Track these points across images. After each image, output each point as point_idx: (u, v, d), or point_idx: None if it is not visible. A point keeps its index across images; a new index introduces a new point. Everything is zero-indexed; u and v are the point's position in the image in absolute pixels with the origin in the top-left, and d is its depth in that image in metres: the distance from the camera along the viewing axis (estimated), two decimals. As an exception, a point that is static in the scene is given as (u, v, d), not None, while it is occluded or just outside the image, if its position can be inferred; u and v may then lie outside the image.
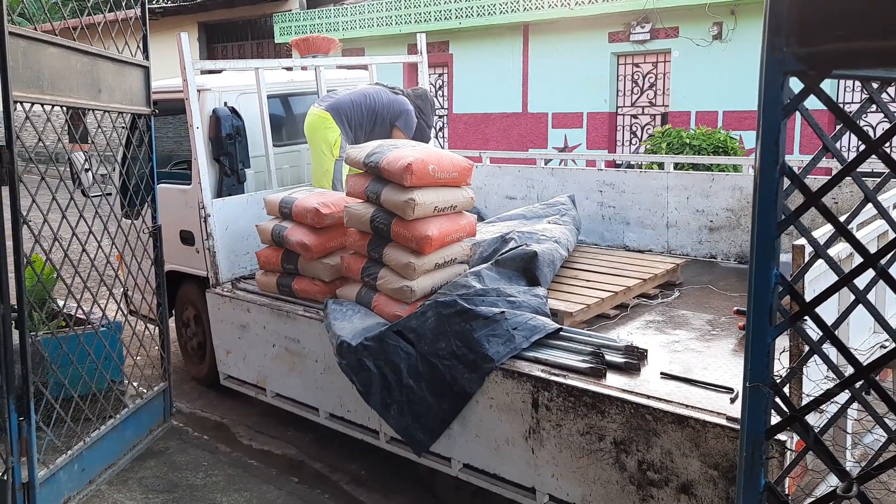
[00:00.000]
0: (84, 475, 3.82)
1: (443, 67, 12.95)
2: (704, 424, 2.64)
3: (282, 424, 4.81)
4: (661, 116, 10.81)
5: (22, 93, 3.19)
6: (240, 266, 4.85)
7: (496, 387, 3.24)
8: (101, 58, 3.87)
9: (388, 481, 4.13)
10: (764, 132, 1.60)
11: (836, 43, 1.46)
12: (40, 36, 3.36)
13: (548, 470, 3.12)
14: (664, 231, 5.18)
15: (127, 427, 4.23)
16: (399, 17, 12.81)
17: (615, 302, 4.03)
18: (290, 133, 5.61)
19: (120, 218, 4.48)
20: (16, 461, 3.26)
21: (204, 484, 3.97)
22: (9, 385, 3.21)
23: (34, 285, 4.11)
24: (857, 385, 1.66)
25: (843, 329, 2.84)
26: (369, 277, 3.94)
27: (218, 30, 17.45)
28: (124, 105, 4.17)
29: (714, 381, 2.96)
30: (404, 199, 3.65)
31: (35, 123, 3.38)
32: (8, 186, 3.14)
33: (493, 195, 5.97)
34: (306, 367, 4.16)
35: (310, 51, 5.65)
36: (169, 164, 5.52)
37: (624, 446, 2.86)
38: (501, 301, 3.61)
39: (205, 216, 4.61)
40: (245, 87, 5.16)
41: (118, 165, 5.11)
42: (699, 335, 3.59)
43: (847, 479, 1.62)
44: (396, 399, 3.54)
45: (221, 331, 4.72)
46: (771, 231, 1.63)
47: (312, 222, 4.18)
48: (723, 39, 9.99)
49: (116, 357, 4.49)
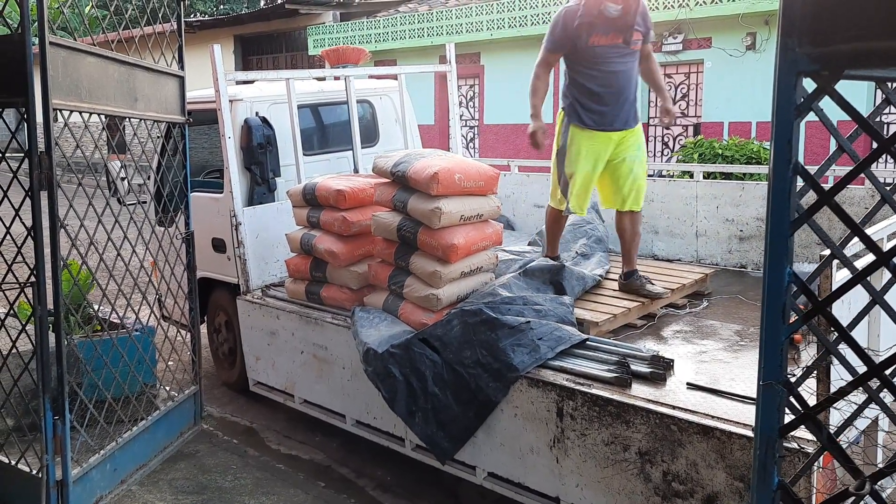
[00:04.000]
0: (116, 475, 3.90)
1: (474, 79, 13.00)
2: (730, 436, 2.61)
3: (309, 430, 4.86)
4: (693, 127, 10.72)
5: (61, 101, 3.28)
6: (269, 273, 4.92)
7: (521, 395, 3.24)
8: (138, 67, 3.97)
9: (414, 487, 4.14)
10: (777, 132, 1.60)
11: (850, 43, 1.46)
12: (79, 46, 3.46)
13: (572, 480, 3.10)
14: (693, 240, 5.14)
15: (158, 429, 4.31)
16: (431, 28, 12.91)
17: (642, 312, 4.01)
18: (320, 142, 5.69)
19: (154, 225, 4.58)
20: (50, 459, 3.34)
21: (232, 487, 4.02)
22: (45, 385, 3.30)
23: (71, 289, 4.21)
24: (874, 386, 1.65)
25: (872, 331, 2.80)
26: (396, 285, 3.97)
27: (253, 42, 17.75)
28: (160, 114, 4.27)
29: (741, 392, 2.92)
30: (430, 208, 3.68)
31: (73, 133, 3.48)
32: (46, 192, 3.23)
33: (521, 203, 5.97)
34: (334, 374, 4.20)
35: (340, 61, 5.73)
36: (202, 172, 5.63)
37: (649, 457, 2.84)
38: (527, 309, 3.61)
39: (236, 224, 4.69)
40: (276, 97, 5.25)
41: (153, 173, 5.23)
42: (727, 346, 3.55)
43: (860, 477, 1.60)
44: (421, 407, 3.56)
45: (251, 337, 4.79)
46: (784, 230, 1.63)
47: (340, 230, 4.24)
48: (756, 50, 9.89)
49: (149, 361, 4.58)
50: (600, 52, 3.93)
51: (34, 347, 3.41)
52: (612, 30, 3.89)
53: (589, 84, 4.00)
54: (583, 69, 4.01)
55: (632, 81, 4.05)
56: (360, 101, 5.70)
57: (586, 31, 3.89)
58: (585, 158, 4.04)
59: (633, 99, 4.09)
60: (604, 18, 3.87)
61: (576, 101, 4.06)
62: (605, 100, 3.99)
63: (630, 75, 4.03)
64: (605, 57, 3.94)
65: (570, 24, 3.94)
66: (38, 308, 3.31)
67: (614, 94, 3.99)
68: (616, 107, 4.01)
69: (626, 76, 4.01)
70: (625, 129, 4.07)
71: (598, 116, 4.01)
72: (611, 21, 3.87)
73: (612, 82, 3.97)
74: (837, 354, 1.73)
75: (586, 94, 4.01)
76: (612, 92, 3.98)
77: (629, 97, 4.05)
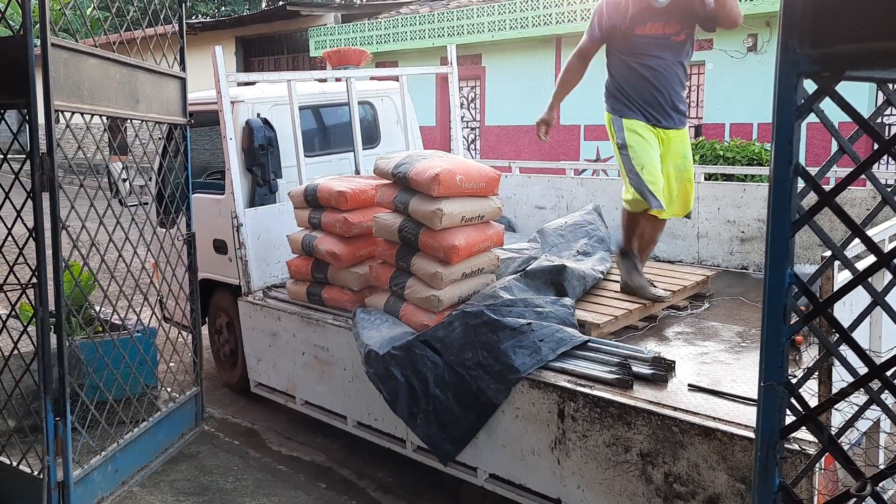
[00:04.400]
0: (117, 476, 3.90)
1: (475, 80, 13.01)
2: (732, 437, 2.61)
3: (311, 431, 4.86)
4: (694, 129, 10.72)
5: (63, 102, 3.29)
6: (271, 275, 4.92)
7: (522, 397, 3.24)
8: (139, 69, 3.98)
9: (415, 489, 4.14)
10: (778, 133, 1.60)
11: (851, 44, 1.46)
12: (81, 48, 3.47)
13: (573, 481, 3.10)
14: (694, 242, 5.13)
15: (159, 430, 4.31)
16: (432, 30, 12.92)
17: (644, 313, 4.01)
18: (321, 143, 5.69)
19: (155, 226, 4.59)
20: (51, 460, 3.35)
21: (234, 488, 4.02)
22: (46, 387, 3.31)
23: (72, 290, 4.22)
24: (875, 387, 1.65)
25: (873, 333, 2.80)
26: (397, 287, 3.97)
27: (255, 44, 17.78)
28: (161, 115, 4.28)
29: (742, 393, 2.92)
30: (432, 210, 3.68)
31: (75, 135, 3.48)
32: (48, 193, 3.24)
33: (522, 205, 5.98)
34: (335, 376, 4.20)
35: (341, 63, 5.73)
36: (204, 174, 5.63)
37: (650, 458, 2.83)
38: (528, 311, 3.61)
39: (237, 225, 4.70)
40: (278, 98, 5.25)
41: (154, 174, 5.23)
42: (728, 347, 3.55)
43: (861, 479, 1.60)
44: (423, 408, 3.56)
45: (252, 338, 4.79)
46: (785, 231, 1.63)
47: (341, 231, 4.24)
48: (758, 51, 9.90)
49: (150, 362, 4.59)
50: (642, 43, 3.75)
51: (36, 348, 3.41)
52: (658, 19, 3.70)
53: (630, 76, 3.82)
54: (624, 58, 3.83)
55: (675, 75, 3.84)
56: (361, 103, 5.71)
57: (631, 20, 3.71)
58: (651, 146, 3.83)
59: (678, 95, 3.87)
60: (651, 8, 3.69)
61: (620, 95, 3.87)
62: (648, 92, 3.81)
63: (673, 69, 3.82)
64: (647, 48, 3.75)
65: (612, 12, 3.78)
66: (40, 309, 3.32)
67: (657, 87, 3.81)
68: (660, 101, 3.83)
69: (670, 68, 3.81)
70: (670, 127, 3.89)
71: (642, 109, 3.84)
72: (658, 11, 3.69)
73: (655, 75, 3.79)
74: (838, 356, 1.73)
75: (629, 85, 3.83)
76: (655, 85, 3.81)
77: (674, 93, 3.84)
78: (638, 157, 3.84)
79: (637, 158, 3.84)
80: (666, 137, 3.91)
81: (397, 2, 16.03)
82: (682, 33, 3.77)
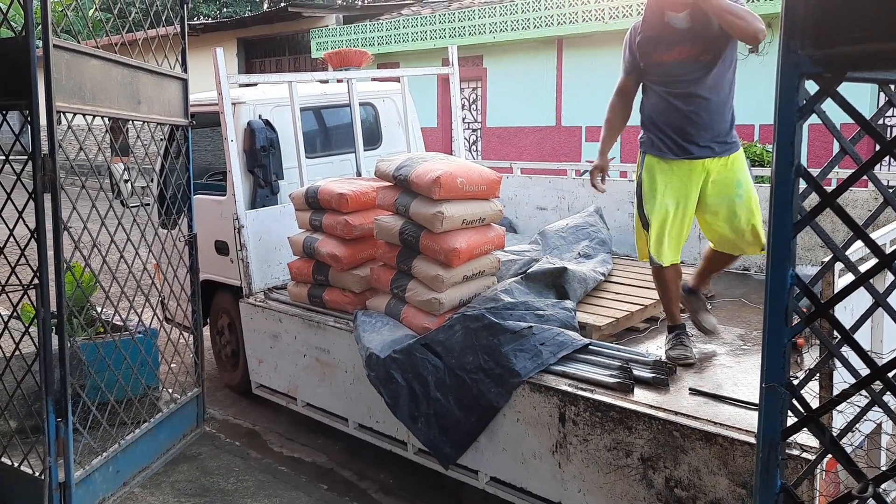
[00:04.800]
0: (118, 477, 3.90)
1: (476, 81, 13.01)
2: (733, 442, 2.60)
3: (312, 432, 4.86)
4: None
5: (65, 103, 3.29)
6: (272, 276, 4.93)
7: (523, 400, 3.23)
8: (141, 70, 3.98)
9: (417, 491, 4.14)
10: (779, 134, 1.60)
11: (852, 45, 1.46)
12: (83, 49, 3.47)
13: (574, 485, 3.10)
14: (696, 242, 5.12)
15: (161, 431, 4.31)
16: (434, 31, 12.92)
17: (645, 315, 4.00)
18: (322, 145, 5.69)
19: (157, 227, 4.59)
20: (53, 461, 3.35)
21: (235, 489, 4.02)
22: (48, 388, 3.31)
23: (73, 291, 4.22)
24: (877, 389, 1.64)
25: (875, 334, 2.79)
26: (398, 289, 3.97)
27: (256, 45, 17.78)
28: (163, 116, 4.28)
29: (744, 397, 2.91)
30: (433, 212, 3.68)
31: (77, 136, 3.49)
32: (50, 194, 3.24)
33: (523, 206, 5.97)
34: (336, 378, 4.19)
35: (342, 64, 5.74)
36: (205, 175, 5.63)
37: (651, 463, 2.83)
38: (529, 315, 3.61)
39: (239, 227, 4.70)
40: (279, 99, 5.26)
41: (156, 175, 5.24)
42: (730, 350, 3.54)
43: (863, 481, 1.59)
44: (424, 412, 3.56)
45: (254, 340, 4.79)
46: (787, 232, 1.63)
47: (342, 233, 4.24)
48: (759, 53, 9.87)
49: (152, 363, 4.58)
50: (669, 69, 3.36)
51: (37, 349, 3.41)
52: (681, 42, 3.31)
53: (660, 105, 3.41)
54: (653, 88, 3.45)
55: (712, 100, 3.36)
56: (362, 104, 5.71)
57: (650, 46, 3.39)
58: (664, 194, 3.37)
59: (715, 120, 3.37)
60: (670, 30, 3.32)
61: (650, 125, 3.45)
62: (680, 121, 3.35)
63: (707, 93, 3.34)
64: (676, 74, 3.34)
65: (632, 41, 3.47)
66: (42, 310, 3.32)
67: (687, 114, 3.35)
68: (691, 129, 3.35)
69: (705, 92, 3.34)
70: (707, 156, 3.37)
71: (672, 141, 3.37)
72: (679, 33, 3.30)
73: (687, 101, 3.34)
74: (840, 357, 1.72)
75: (658, 115, 3.42)
76: (690, 111, 3.34)
77: (714, 117, 3.37)
78: (647, 203, 3.45)
79: (647, 203, 3.45)
80: (707, 168, 3.41)
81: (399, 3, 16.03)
82: (707, 52, 3.34)
